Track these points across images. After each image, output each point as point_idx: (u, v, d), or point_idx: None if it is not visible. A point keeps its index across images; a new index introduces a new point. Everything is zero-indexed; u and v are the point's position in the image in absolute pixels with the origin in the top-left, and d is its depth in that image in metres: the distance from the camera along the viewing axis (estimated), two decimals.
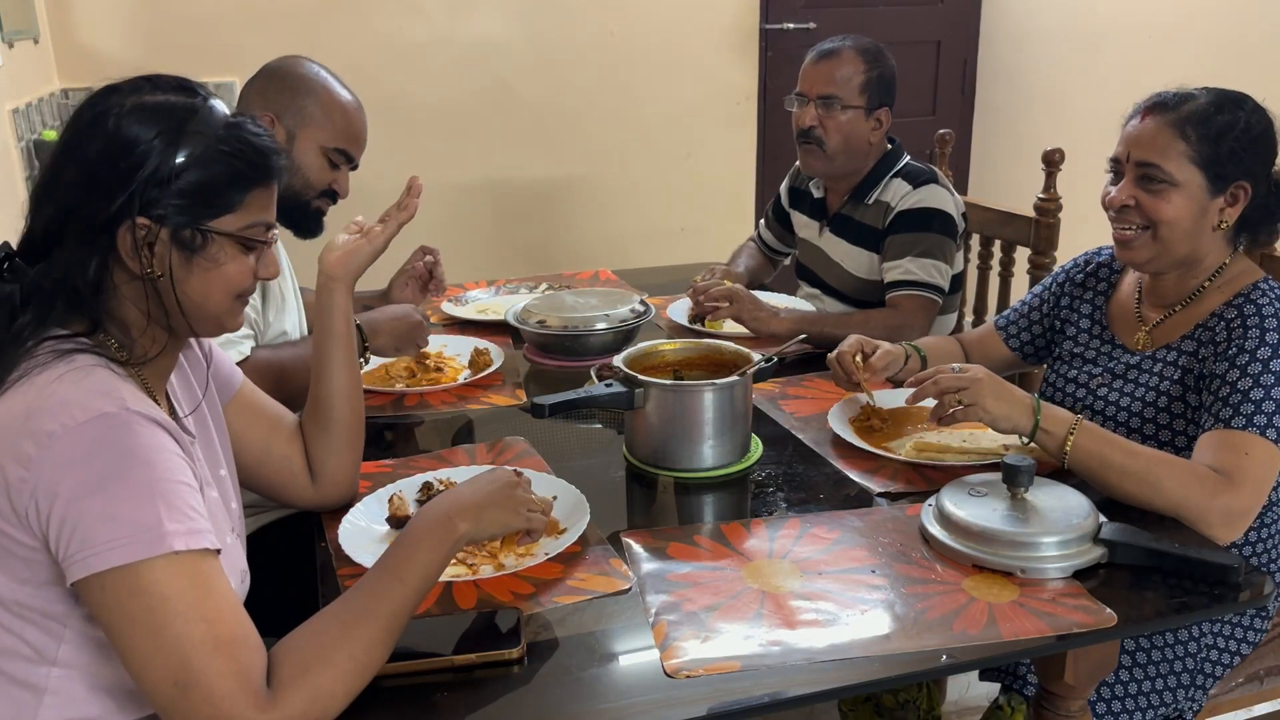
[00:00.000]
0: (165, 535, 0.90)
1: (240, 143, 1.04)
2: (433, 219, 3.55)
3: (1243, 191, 1.47)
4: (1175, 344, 1.54)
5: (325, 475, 1.36)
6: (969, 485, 1.33)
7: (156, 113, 1.01)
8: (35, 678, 0.97)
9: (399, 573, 1.02)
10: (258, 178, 1.05)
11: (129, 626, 0.90)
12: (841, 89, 2.11)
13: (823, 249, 2.29)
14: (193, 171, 1.00)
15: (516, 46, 3.55)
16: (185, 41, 3.23)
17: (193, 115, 1.02)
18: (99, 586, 0.90)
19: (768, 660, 1.08)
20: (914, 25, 4.22)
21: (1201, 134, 1.45)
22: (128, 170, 0.99)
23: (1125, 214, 1.52)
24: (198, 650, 0.89)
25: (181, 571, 0.90)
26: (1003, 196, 2.74)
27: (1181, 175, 1.46)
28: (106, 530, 0.89)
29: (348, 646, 0.95)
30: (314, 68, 1.80)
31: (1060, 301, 1.75)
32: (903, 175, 2.13)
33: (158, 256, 1.01)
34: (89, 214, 0.99)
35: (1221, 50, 3.25)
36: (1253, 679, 1.57)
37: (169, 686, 0.89)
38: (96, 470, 0.90)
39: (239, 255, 1.06)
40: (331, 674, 0.94)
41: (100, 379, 0.95)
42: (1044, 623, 1.13)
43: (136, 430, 0.92)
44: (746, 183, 3.94)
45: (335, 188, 1.82)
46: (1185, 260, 1.52)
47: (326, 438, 1.36)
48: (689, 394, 1.50)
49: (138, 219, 0.99)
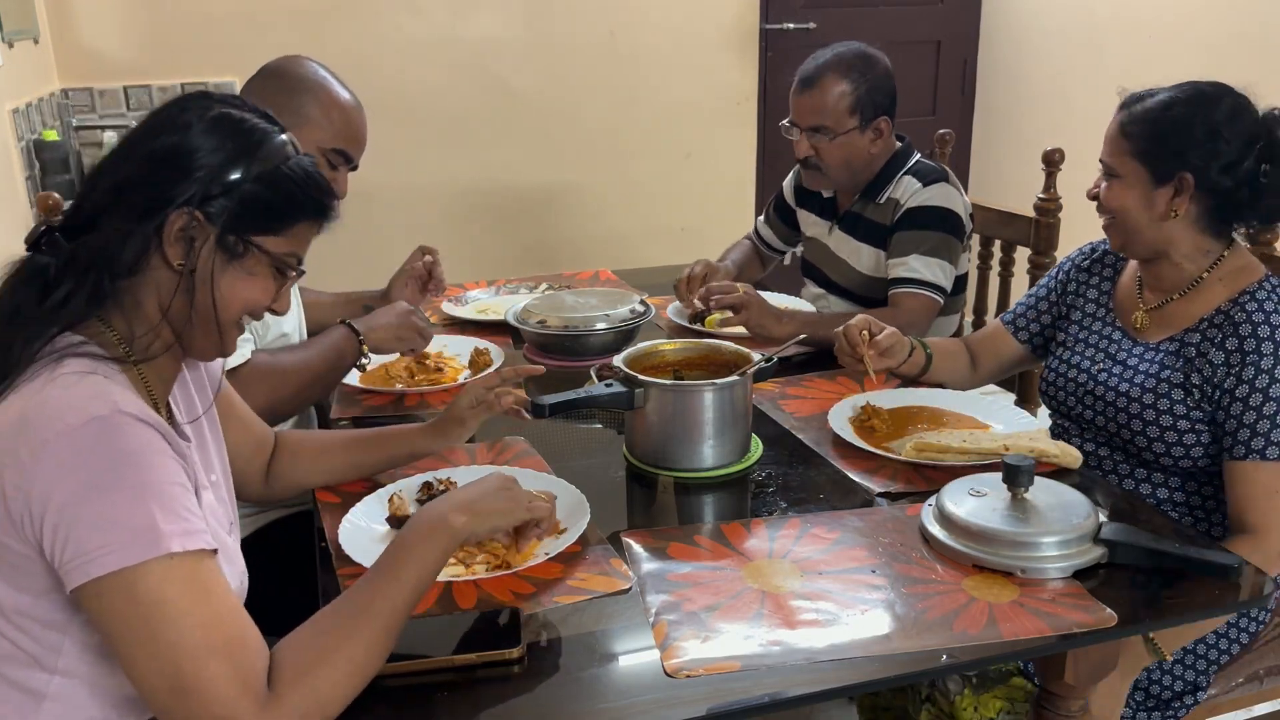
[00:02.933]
0: (161, 537, 0.90)
1: (306, 176, 1.08)
2: (433, 219, 3.57)
3: (1185, 182, 1.51)
4: (1179, 335, 1.56)
5: (280, 486, 1.40)
6: (969, 485, 1.33)
7: (238, 126, 1.05)
8: (36, 683, 0.97)
9: (397, 572, 1.02)
10: (312, 212, 1.09)
11: (126, 632, 0.89)
12: (829, 118, 2.07)
13: (830, 247, 2.27)
14: (256, 186, 1.03)
15: (516, 46, 3.55)
16: (185, 41, 3.23)
17: (269, 139, 1.06)
18: (96, 593, 0.89)
19: (768, 660, 1.08)
20: (914, 25, 4.22)
21: (1139, 131, 1.54)
22: (196, 166, 1.01)
23: (1098, 206, 1.62)
24: (194, 655, 0.89)
25: (178, 574, 0.90)
26: (1003, 196, 2.73)
27: (1123, 169, 1.56)
28: (101, 535, 0.89)
29: (347, 647, 0.95)
30: (313, 67, 1.80)
31: (1067, 288, 1.78)
32: (913, 173, 2.11)
33: (196, 252, 1.02)
34: (149, 191, 1.01)
35: (1221, 50, 3.25)
36: (1253, 679, 1.57)
37: (165, 692, 0.89)
38: (89, 475, 0.90)
39: (268, 277, 1.08)
40: (331, 674, 0.93)
41: (92, 384, 0.95)
42: (1044, 623, 1.13)
43: (128, 433, 0.92)
44: (746, 183, 3.94)
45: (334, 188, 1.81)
46: (1152, 246, 1.57)
47: (309, 476, 1.42)
48: (689, 394, 1.50)
49: (193, 210, 1.01)
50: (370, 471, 1.46)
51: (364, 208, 3.35)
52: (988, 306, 2.53)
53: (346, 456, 1.44)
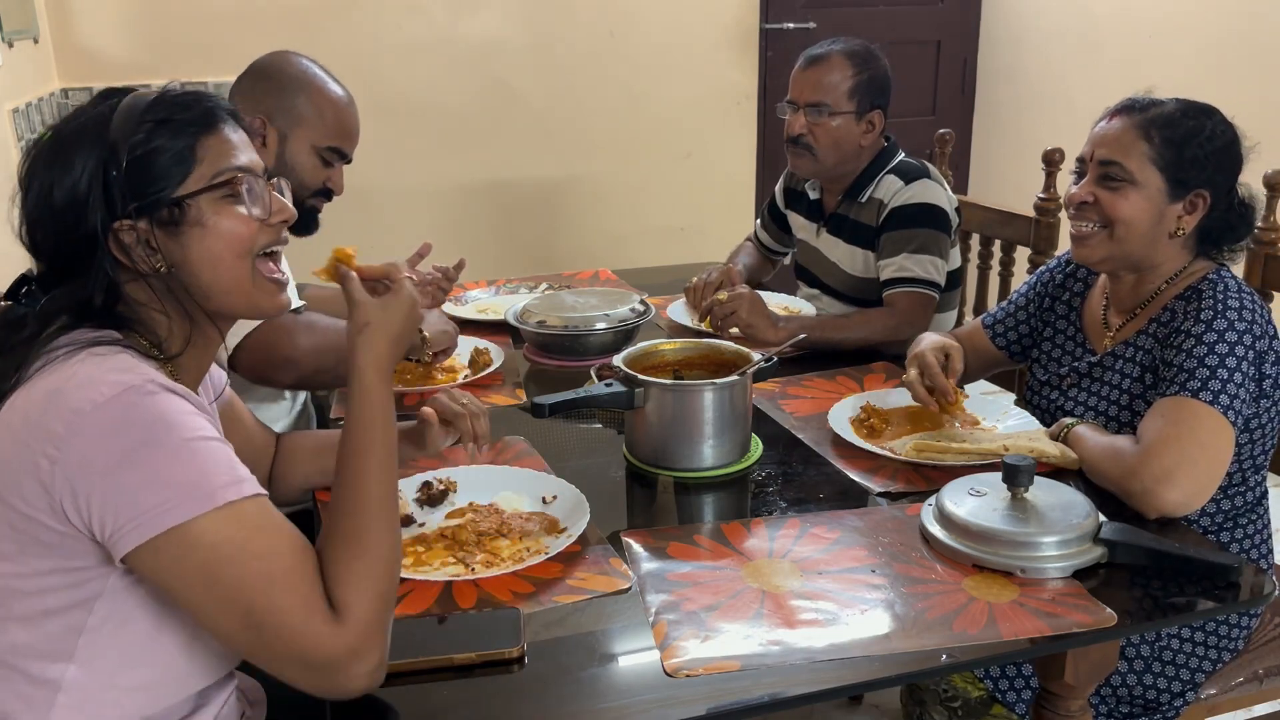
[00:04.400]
0: (214, 490, 0.91)
1: (167, 108, 1.03)
2: (433, 219, 3.57)
3: (1202, 200, 1.48)
4: (1132, 339, 1.56)
5: (283, 489, 1.40)
6: (969, 485, 1.33)
7: (79, 135, 1.01)
8: (51, 674, 0.96)
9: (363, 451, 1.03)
10: (198, 128, 1.03)
11: (191, 582, 0.91)
12: (829, 95, 2.09)
13: (820, 250, 2.29)
14: (137, 156, 0.99)
15: (516, 46, 3.55)
16: (185, 41, 3.23)
17: (111, 115, 1.02)
18: (152, 552, 0.90)
19: (768, 660, 1.08)
20: (914, 25, 4.23)
21: (1165, 137, 1.47)
22: (87, 192, 0.99)
23: (1084, 210, 1.53)
24: (257, 589, 0.91)
25: (233, 519, 0.91)
26: (1003, 196, 2.74)
27: (1142, 175, 1.47)
28: (152, 496, 0.89)
29: (372, 550, 0.97)
30: (303, 63, 1.79)
31: (1043, 303, 1.77)
32: (895, 172, 2.13)
33: (157, 250, 1.01)
34: (73, 241, 0.99)
35: (1221, 50, 3.26)
36: (1252, 679, 1.57)
37: (241, 630, 0.91)
38: (130, 441, 0.90)
39: (225, 209, 1.03)
40: (373, 578, 0.95)
41: (121, 359, 0.96)
42: (1044, 623, 1.13)
43: (160, 398, 0.93)
44: (746, 182, 3.94)
45: (330, 185, 1.82)
46: (1139, 264, 1.54)
47: (309, 477, 1.40)
48: (689, 394, 1.50)
49: (116, 225, 0.99)
50: None
51: (364, 207, 3.35)
52: (987, 306, 2.53)
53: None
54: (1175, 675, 1.50)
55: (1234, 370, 1.39)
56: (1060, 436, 1.48)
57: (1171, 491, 1.31)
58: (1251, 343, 1.41)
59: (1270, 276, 1.84)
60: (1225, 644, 1.52)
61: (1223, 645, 1.52)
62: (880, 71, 2.13)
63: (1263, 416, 1.48)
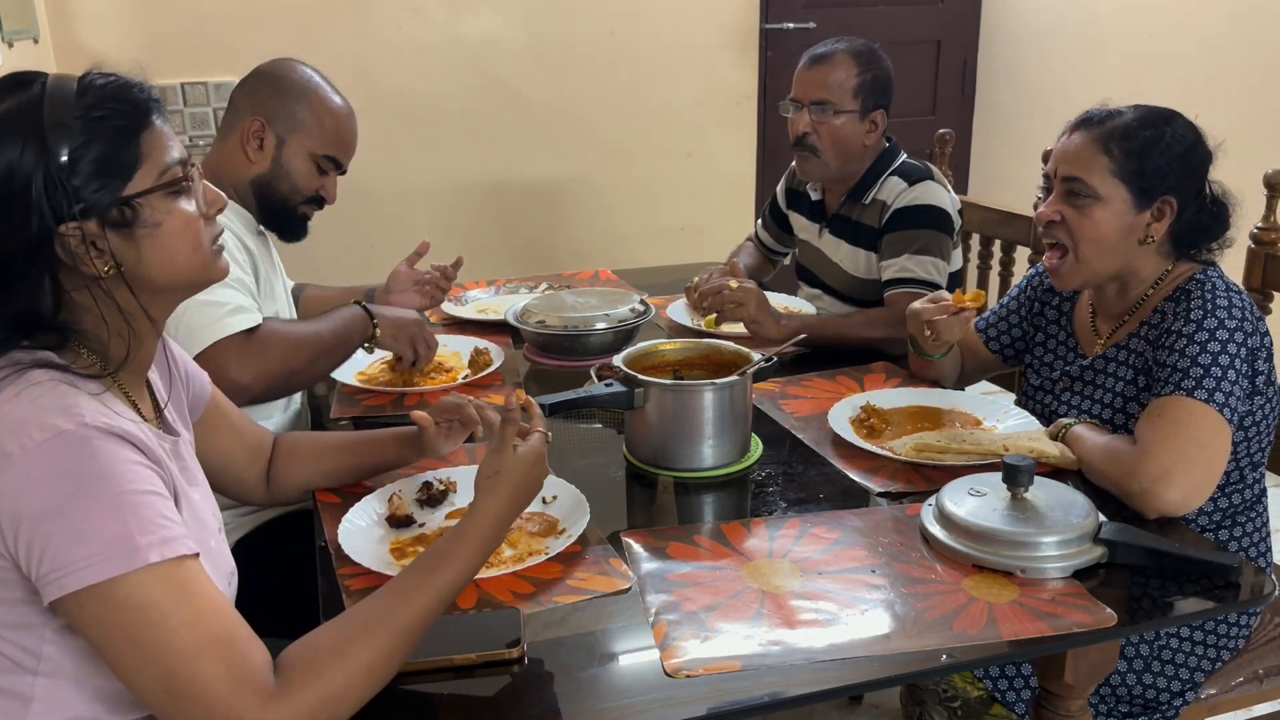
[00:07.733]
0: (137, 549, 0.88)
1: (103, 104, 0.97)
2: (433, 219, 3.57)
3: (1169, 206, 1.49)
4: (1124, 343, 1.56)
5: (281, 489, 1.40)
6: (969, 485, 1.33)
7: (8, 127, 0.94)
8: (20, 686, 0.95)
9: (432, 577, 1.01)
10: (138, 124, 0.99)
11: (111, 641, 0.89)
12: (834, 94, 2.09)
13: (822, 250, 2.29)
14: (81, 155, 0.94)
15: (516, 46, 3.55)
16: (185, 41, 3.23)
17: (41, 105, 0.95)
18: (76, 605, 0.88)
19: (768, 660, 1.08)
20: (914, 25, 4.23)
21: (1125, 149, 1.47)
22: (23, 192, 0.93)
23: (1051, 229, 1.54)
24: (184, 656, 0.88)
25: (159, 581, 0.89)
26: (1003, 196, 2.74)
27: (1105, 190, 1.48)
28: (77, 549, 0.87)
29: (365, 650, 0.94)
30: (306, 71, 1.80)
31: (1033, 307, 1.77)
32: (898, 173, 2.13)
33: (104, 252, 0.97)
34: (14, 247, 0.94)
35: (1221, 50, 3.25)
36: (1252, 679, 1.57)
37: (162, 695, 0.88)
38: (59, 490, 0.88)
39: (173, 206, 1.01)
40: (345, 675, 0.92)
41: (57, 395, 0.92)
42: (1044, 623, 1.13)
43: (95, 446, 0.90)
44: (746, 182, 3.94)
45: (323, 193, 1.82)
46: (1117, 275, 1.55)
47: (309, 478, 1.41)
48: (689, 394, 1.50)
49: (61, 229, 0.94)
50: (366, 474, 1.45)
51: (364, 207, 3.35)
52: (987, 306, 2.53)
53: (340, 459, 1.43)
54: (1175, 675, 1.50)
55: (1227, 368, 1.39)
56: (1058, 437, 1.49)
57: (1170, 491, 1.31)
58: (1243, 340, 1.42)
59: (1270, 276, 1.84)
60: (1225, 644, 1.53)
61: (1222, 645, 1.52)
62: (883, 71, 2.14)
63: (1258, 413, 1.48)
